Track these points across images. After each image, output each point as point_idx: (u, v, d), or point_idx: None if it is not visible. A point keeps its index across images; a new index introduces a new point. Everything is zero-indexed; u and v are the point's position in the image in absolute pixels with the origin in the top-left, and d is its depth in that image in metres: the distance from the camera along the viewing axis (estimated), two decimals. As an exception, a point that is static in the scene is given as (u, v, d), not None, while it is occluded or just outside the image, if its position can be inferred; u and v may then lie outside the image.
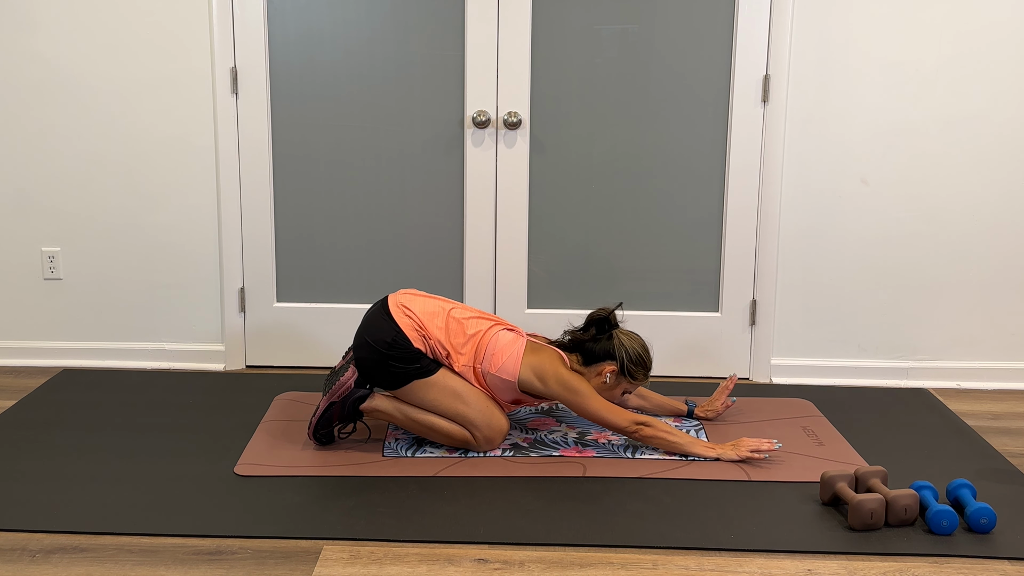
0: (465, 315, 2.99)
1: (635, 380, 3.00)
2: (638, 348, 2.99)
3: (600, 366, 2.98)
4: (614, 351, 2.97)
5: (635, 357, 2.97)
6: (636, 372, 2.98)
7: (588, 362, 2.99)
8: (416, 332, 2.91)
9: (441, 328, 2.94)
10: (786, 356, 3.77)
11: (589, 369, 2.99)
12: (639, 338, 3.02)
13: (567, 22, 3.54)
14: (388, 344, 2.89)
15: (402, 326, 2.90)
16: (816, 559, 2.40)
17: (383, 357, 2.89)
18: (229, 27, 3.54)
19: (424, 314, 2.95)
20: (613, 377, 2.98)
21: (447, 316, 2.97)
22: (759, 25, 3.51)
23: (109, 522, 2.52)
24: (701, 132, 3.61)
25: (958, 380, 3.76)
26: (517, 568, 2.33)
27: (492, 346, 2.93)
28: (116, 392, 3.49)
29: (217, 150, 3.62)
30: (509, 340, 2.95)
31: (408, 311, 2.94)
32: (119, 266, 3.74)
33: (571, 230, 3.69)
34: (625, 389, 3.03)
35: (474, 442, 2.94)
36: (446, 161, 3.65)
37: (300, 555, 2.38)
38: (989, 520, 2.51)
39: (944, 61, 3.53)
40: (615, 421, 2.90)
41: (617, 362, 2.96)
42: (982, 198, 3.63)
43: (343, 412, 2.97)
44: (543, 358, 2.93)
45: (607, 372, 2.97)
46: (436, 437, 2.97)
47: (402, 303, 2.97)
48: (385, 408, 2.97)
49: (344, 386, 2.96)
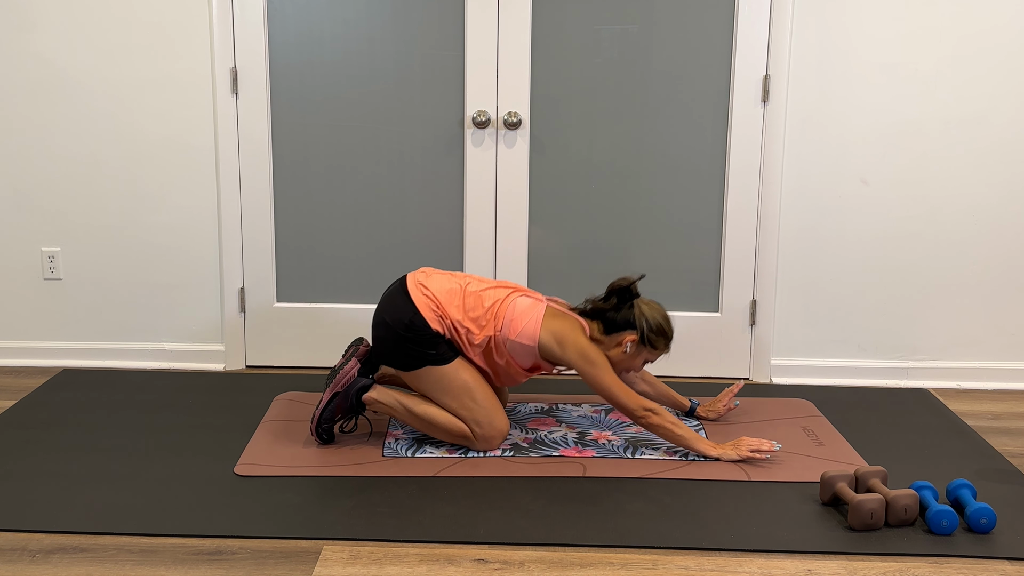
0: (482, 287, 2.98)
1: (655, 350, 2.98)
2: (659, 318, 2.96)
3: (620, 335, 2.95)
4: (635, 320, 2.94)
5: (656, 327, 2.95)
6: (657, 342, 2.96)
7: (608, 331, 2.97)
8: (433, 312, 2.90)
9: (459, 307, 2.93)
10: (786, 356, 3.77)
11: (609, 338, 2.97)
12: (660, 308, 2.99)
13: (567, 22, 3.54)
14: (406, 325, 2.89)
15: (419, 306, 2.89)
16: (816, 559, 2.40)
17: (400, 338, 2.89)
18: (229, 27, 3.54)
19: (441, 292, 2.93)
20: (633, 346, 2.96)
21: (463, 293, 2.95)
22: (759, 25, 3.51)
23: (109, 522, 2.52)
24: (701, 132, 3.61)
25: (958, 380, 3.76)
26: (517, 568, 2.33)
27: (511, 312, 2.92)
28: (116, 392, 3.49)
29: (217, 150, 3.62)
30: (528, 305, 2.94)
31: (425, 289, 2.93)
32: (119, 266, 3.74)
33: (571, 230, 3.69)
34: (645, 359, 3.00)
35: (473, 439, 2.94)
36: (446, 161, 3.65)
37: (300, 555, 2.38)
38: (989, 520, 2.51)
39: (944, 61, 3.53)
40: (625, 401, 2.88)
41: (637, 331, 2.94)
42: (982, 198, 3.63)
43: (346, 403, 2.97)
44: (563, 324, 2.91)
45: (627, 341, 2.94)
46: (435, 432, 2.96)
47: (420, 281, 2.96)
48: (385, 400, 2.97)
49: (347, 375, 2.96)
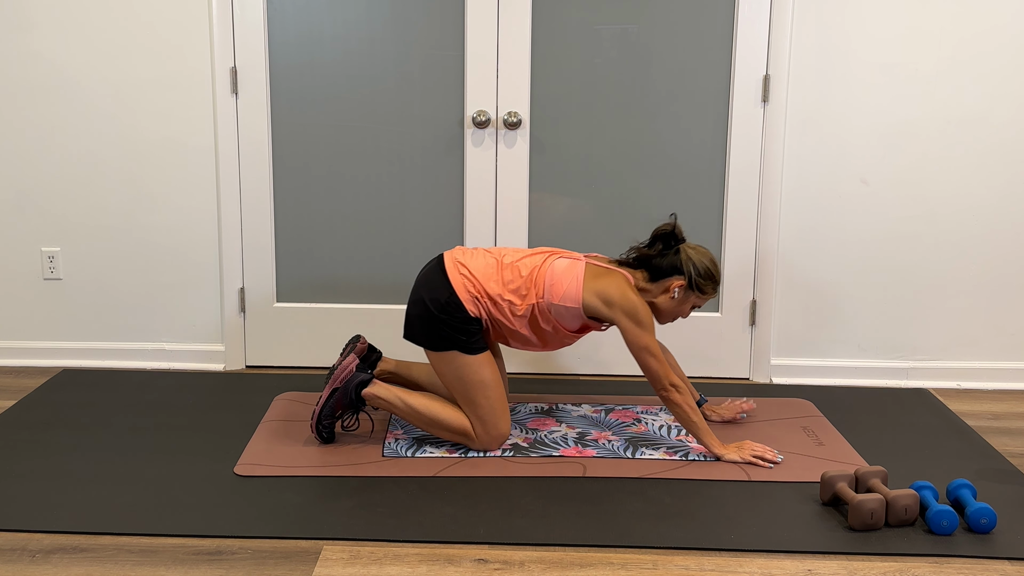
0: (517, 258, 2.97)
1: (703, 294, 2.95)
2: (706, 262, 2.93)
3: (667, 281, 2.93)
4: (681, 265, 2.92)
5: (703, 271, 2.92)
6: (704, 286, 2.93)
7: (655, 278, 2.95)
8: (469, 293, 2.89)
9: (497, 281, 2.91)
10: (786, 356, 3.77)
11: (656, 285, 2.95)
12: (707, 251, 2.96)
13: (567, 22, 3.54)
14: (442, 305, 2.88)
15: (455, 286, 2.89)
16: (816, 559, 2.40)
17: (435, 318, 2.89)
18: (229, 27, 3.54)
19: (479, 270, 2.92)
20: (681, 292, 2.93)
21: (500, 266, 2.94)
22: (759, 25, 3.51)
23: (109, 522, 2.52)
24: (701, 132, 3.61)
25: (958, 380, 3.76)
26: (517, 568, 2.33)
27: (550, 277, 2.90)
28: (116, 392, 3.49)
29: (217, 150, 3.62)
30: (566, 266, 2.92)
31: (463, 268, 2.92)
32: (119, 266, 3.74)
33: (571, 230, 3.68)
34: (694, 304, 2.98)
35: (473, 438, 2.94)
36: (446, 161, 3.65)
37: (300, 555, 2.38)
38: (989, 520, 2.51)
39: (944, 62, 3.53)
40: (657, 369, 2.86)
41: (685, 276, 2.92)
42: (982, 198, 3.63)
43: (346, 398, 2.97)
44: (608, 282, 2.89)
45: (675, 287, 2.92)
46: (435, 429, 2.96)
47: (458, 259, 2.95)
48: (385, 396, 2.97)
49: (346, 370, 2.96)
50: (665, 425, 3.22)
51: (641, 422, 3.25)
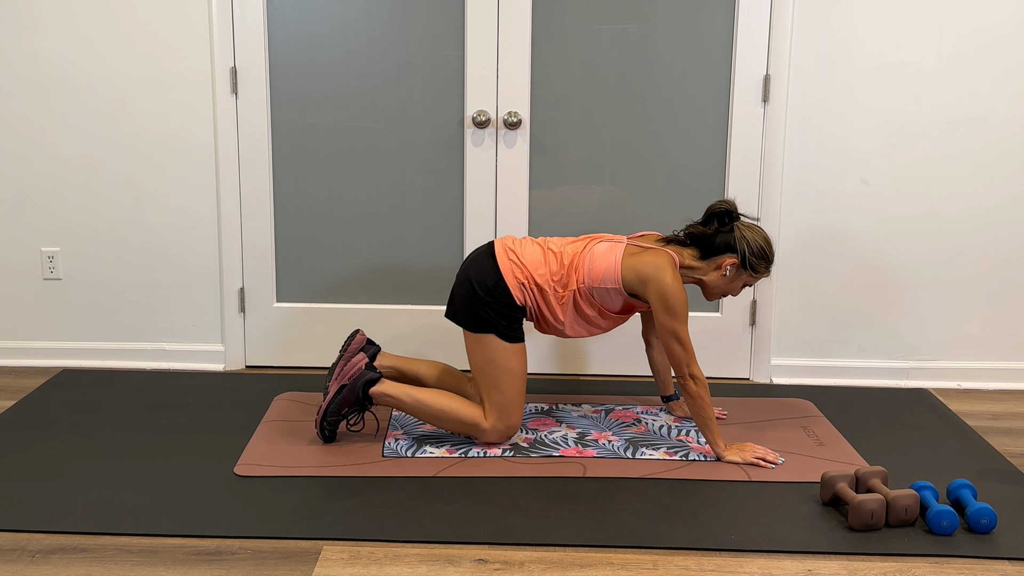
0: (560, 246, 2.98)
1: (756, 273, 2.94)
2: (760, 241, 2.92)
3: (720, 259, 2.93)
4: (735, 243, 2.91)
5: (757, 250, 2.91)
6: (758, 266, 2.93)
7: (706, 255, 2.94)
8: (516, 280, 2.91)
9: (545, 272, 2.92)
10: (786, 356, 3.77)
11: (707, 262, 2.94)
12: (762, 230, 2.95)
13: (567, 22, 3.54)
14: (488, 288, 2.89)
15: (504, 272, 2.90)
16: (816, 559, 2.40)
17: (480, 300, 2.90)
18: (229, 27, 3.54)
19: (529, 260, 2.93)
20: (733, 270, 2.92)
21: (546, 254, 2.96)
22: (759, 25, 3.51)
23: (109, 522, 2.52)
24: (701, 132, 3.61)
25: (958, 380, 3.76)
26: (517, 568, 2.33)
27: (588, 261, 2.91)
28: (116, 392, 3.49)
29: (217, 150, 3.62)
30: (605, 249, 2.93)
31: (513, 254, 2.94)
32: (119, 266, 3.74)
33: (571, 230, 3.68)
34: (745, 283, 2.97)
35: (482, 430, 2.94)
36: (446, 161, 3.65)
37: (300, 555, 2.38)
38: (989, 520, 2.51)
39: (944, 61, 3.53)
40: (680, 355, 2.85)
41: (738, 255, 2.91)
42: (982, 198, 3.63)
43: (353, 396, 2.96)
44: (646, 260, 2.88)
45: (727, 265, 2.91)
46: (444, 423, 2.97)
47: (509, 247, 2.96)
48: (394, 393, 2.97)
49: (355, 367, 2.95)
50: (665, 425, 3.22)
51: (641, 422, 3.25)
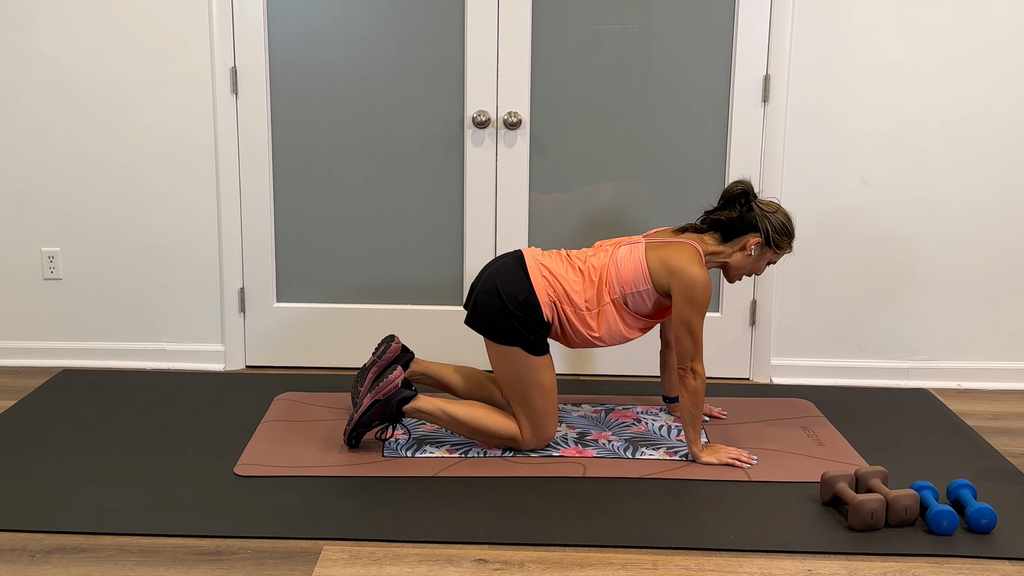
0: (583, 259, 2.96)
1: (780, 250, 2.95)
2: (782, 218, 2.93)
3: (744, 239, 2.92)
4: (756, 222, 2.91)
5: (780, 227, 2.91)
6: (781, 242, 2.93)
7: (728, 238, 2.94)
8: (548, 297, 2.88)
9: (579, 291, 2.89)
10: (786, 356, 3.77)
11: (730, 245, 2.94)
12: (780, 207, 2.96)
13: (567, 22, 3.54)
14: (519, 303, 2.86)
15: (537, 288, 2.87)
16: (816, 559, 2.40)
17: (508, 312, 2.86)
18: (229, 27, 3.54)
19: (561, 276, 2.91)
20: (758, 249, 2.92)
21: (575, 271, 2.92)
22: (759, 25, 3.51)
23: (109, 522, 2.52)
24: (701, 132, 3.61)
25: (958, 380, 3.76)
26: (517, 568, 2.33)
27: (615, 270, 2.90)
28: (116, 392, 3.49)
29: (217, 150, 3.62)
30: (626, 253, 2.92)
31: (546, 270, 2.91)
32: (119, 266, 3.74)
33: (571, 229, 3.68)
34: (769, 261, 2.97)
35: (520, 440, 2.93)
36: (446, 161, 3.64)
37: (300, 555, 2.38)
38: (989, 520, 2.51)
39: (944, 61, 3.53)
40: (688, 347, 2.84)
41: (762, 233, 2.91)
42: (982, 198, 3.63)
43: (386, 411, 2.92)
44: (670, 251, 2.88)
45: (751, 244, 2.91)
46: (480, 436, 2.95)
47: (541, 261, 2.93)
48: (428, 409, 2.93)
49: (391, 384, 2.90)
50: (665, 425, 3.22)
51: (641, 422, 3.25)
